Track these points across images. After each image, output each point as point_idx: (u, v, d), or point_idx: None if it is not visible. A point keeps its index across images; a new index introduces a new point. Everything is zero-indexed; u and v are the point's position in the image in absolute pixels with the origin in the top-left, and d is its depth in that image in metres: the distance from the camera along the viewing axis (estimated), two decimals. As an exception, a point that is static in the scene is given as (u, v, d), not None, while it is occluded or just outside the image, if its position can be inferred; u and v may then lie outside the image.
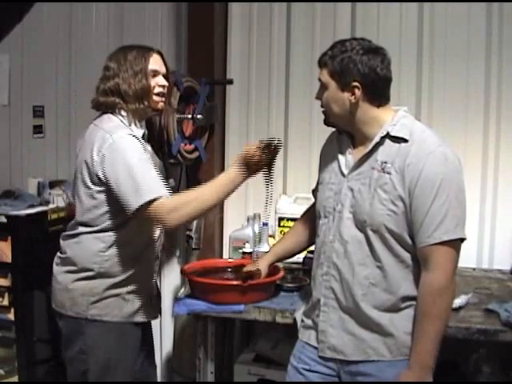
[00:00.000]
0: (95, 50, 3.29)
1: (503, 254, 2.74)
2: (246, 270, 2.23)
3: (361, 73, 1.67)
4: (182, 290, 2.63)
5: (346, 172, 1.77)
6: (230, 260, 2.70)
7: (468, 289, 2.35)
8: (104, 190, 1.93)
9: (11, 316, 2.89)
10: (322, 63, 1.74)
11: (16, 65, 3.47)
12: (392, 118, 1.71)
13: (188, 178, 3.00)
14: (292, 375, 1.87)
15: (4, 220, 2.84)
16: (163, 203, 1.85)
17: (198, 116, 2.71)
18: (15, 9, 3.40)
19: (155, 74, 2.02)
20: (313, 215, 1.93)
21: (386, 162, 1.68)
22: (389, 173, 1.66)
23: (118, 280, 1.98)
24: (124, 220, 1.95)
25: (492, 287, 2.45)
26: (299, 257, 2.58)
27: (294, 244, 2.15)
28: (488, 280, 2.56)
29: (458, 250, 1.64)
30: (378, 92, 1.71)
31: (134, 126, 2.01)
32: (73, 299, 1.97)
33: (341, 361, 1.75)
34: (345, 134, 1.81)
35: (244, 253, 2.72)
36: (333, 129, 1.88)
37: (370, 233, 1.69)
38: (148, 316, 2.10)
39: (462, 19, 2.76)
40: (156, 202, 1.84)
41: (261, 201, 3.06)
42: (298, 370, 1.84)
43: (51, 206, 3.03)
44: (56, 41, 3.39)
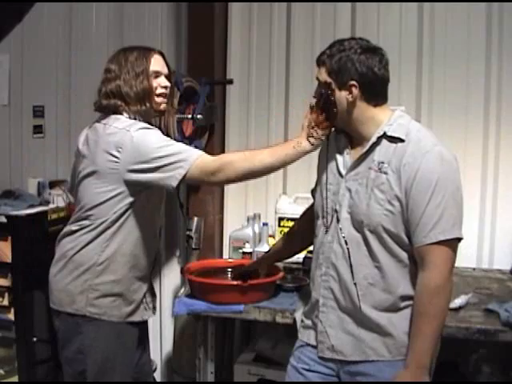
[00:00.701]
0: (95, 50, 3.29)
1: (503, 254, 2.74)
2: (245, 270, 2.24)
3: (358, 72, 1.67)
4: (182, 290, 2.63)
5: (343, 172, 1.77)
6: (230, 260, 2.70)
7: (468, 289, 2.35)
8: (119, 186, 1.91)
9: (11, 316, 2.89)
10: (320, 62, 1.74)
11: (16, 65, 3.47)
12: (389, 117, 1.71)
13: (188, 178, 3.00)
14: (292, 375, 1.87)
15: (4, 220, 2.83)
16: (205, 161, 1.88)
17: (198, 116, 2.71)
18: (15, 9, 3.40)
19: (157, 74, 2.00)
20: (311, 216, 1.92)
21: (382, 162, 1.68)
22: (385, 173, 1.66)
23: (117, 278, 1.97)
24: (125, 218, 1.95)
25: (492, 287, 2.45)
26: (299, 257, 2.58)
27: (293, 244, 2.15)
28: (488, 280, 2.56)
29: (454, 250, 1.64)
30: (376, 92, 1.71)
31: None
32: (71, 296, 1.96)
33: (340, 361, 1.75)
34: (342, 133, 1.81)
35: (244, 253, 2.72)
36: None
37: (368, 233, 1.69)
38: (143, 315, 2.08)
39: (462, 19, 2.76)
40: (197, 162, 1.87)
41: (261, 201, 3.11)
42: (297, 369, 1.84)
43: (51, 206, 3.03)
44: (56, 41, 3.40)
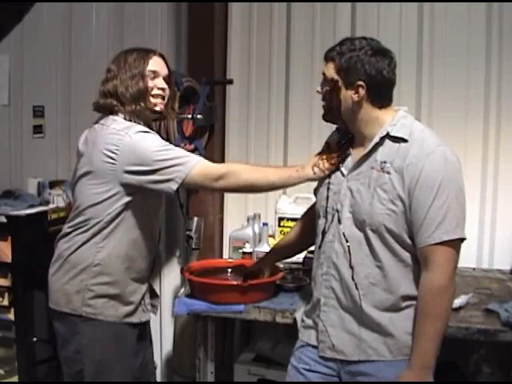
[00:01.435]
0: (95, 50, 3.29)
1: (503, 254, 2.74)
2: (249, 270, 2.25)
3: (367, 73, 1.67)
4: (182, 289, 2.63)
5: (345, 172, 1.77)
6: (229, 260, 2.70)
7: (468, 289, 2.35)
8: (113, 187, 1.92)
9: (11, 316, 2.89)
10: (328, 57, 1.73)
11: (16, 65, 3.47)
12: (392, 118, 1.71)
13: (188, 178, 3.00)
14: (292, 375, 1.87)
15: (4, 220, 2.83)
16: (207, 166, 1.92)
17: (198, 116, 2.71)
18: (15, 9, 3.40)
19: (155, 75, 2.00)
20: (313, 215, 1.93)
21: (385, 162, 1.68)
22: (388, 172, 1.66)
23: (113, 279, 1.97)
24: (120, 219, 1.94)
25: (492, 287, 2.45)
26: (299, 257, 2.58)
27: (295, 244, 2.15)
28: (488, 280, 2.56)
29: (457, 250, 1.64)
30: (382, 94, 1.71)
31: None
32: (68, 296, 1.97)
33: (341, 361, 1.75)
34: (345, 133, 1.81)
35: (244, 253, 2.72)
36: (332, 126, 1.89)
37: (370, 232, 1.69)
38: (141, 317, 2.07)
39: (462, 19, 2.76)
40: (199, 167, 1.89)
41: (261, 201, 3.11)
42: (298, 369, 1.84)
43: (51, 205, 3.03)
44: (56, 41, 3.39)
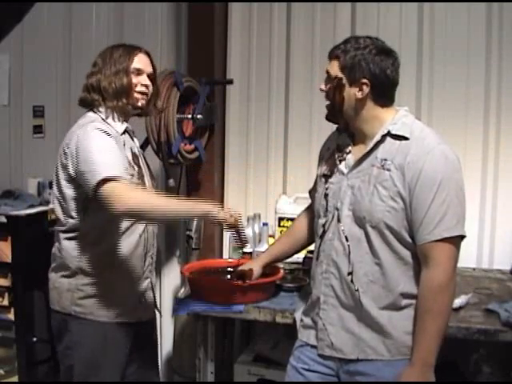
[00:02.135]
0: (95, 50, 3.24)
1: (503, 254, 2.74)
2: (239, 269, 2.23)
3: (371, 72, 1.67)
4: (182, 289, 2.63)
5: (345, 171, 1.77)
6: (229, 260, 2.70)
7: (468, 289, 2.35)
8: (72, 186, 1.92)
9: (11, 316, 2.89)
10: (333, 55, 1.74)
11: (16, 65, 3.47)
12: (393, 117, 1.72)
13: (188, 178, 3.00)
14: (291, 375, 1.87)
15: (4, 220, 2.84)
16: (119, 186, 1.81)
17: (198, 116, 2.71)
18: (15, 9, 3.40)
19: (139, 72, 2.01)
20: (310, 215, 1.92)
21: (385, 159, 1.69)
22: (388, 170, 1.67)
23: (100, 280, 1.95)
24: (91, 219, 1.93)
25: (492, 287, 2.45)
26: (299, 257, 2.58)
27: (290, 245, 2.14)
28: (488, 280, 2.57)
29: (458, 247, 1.65)
30: (385, 93, 1.72)
31: (112, 121, 2.00)
32: (59, 294, 1.99)
33: (340, 359, 1.75)
34: (345, 133, 1.81)
35: (244, 253, 2.72)
36: (332, 126, 1.89)
37: (370, 229, 1.69)
38: (139, 317, 2.05)
39: (462, 19, 2.76)
40: (112, 183, 1.81)
41: (261, 201, 3.11)
42: (297, 369, 1.84)
43: (51, 205, 3.01)
44: (56, 41, 3.39)
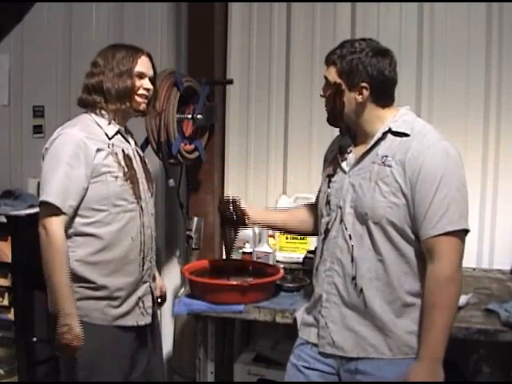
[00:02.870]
0: (95, 50, 3.25)
1: (503, 254, 2.75)
2: (232, 197, 2.13)
3: (369, 74, 1.68)
4: (182, 289, 2.63)
5: (347, 169, 1.78)
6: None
7: (468, 289, 2.35)
8: None
9: (11, 316, 2.89)
10: (329, 61, 1.74)
11: (16, 65, 3.46)
12: (394, 115, 1.74)
13: (188, 178, 3.00)
14: (291, 373, 1.87)
15: (4, 220, 2.83)
16: (52, 220, 1.82)
17: (198, 116, 2.70)
18: (15, 9, 3.40)
19: (141, 76, 2.01)
20: (313, 209, 1.93)
21: (386, 156, 1.70)
22: (389, 166, 1.68)
23: (95, 283, 1.92)
24: (80, 221, 1.91)
25: (492, 287, 2.45)
26: (299, 257, 2.58)
27: (289, 219, 2.11)
28: (488, 280, 2.57)
29: (462, 241, 1.65)
30: (385, 93, 1.73)
31: (106, 123, 1.99)
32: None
33: (340, 358, 1.75)
34: (347, 135, 1.82)
35: (244, 253, 2.72)
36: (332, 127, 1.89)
37: (372, 225, 1.70)
38: (139, 320, 2.03)
39: (462, 19, 2.76)
40: (50, 210, 1.82)
41: (261, 201, 3.11)
42: (297, 367, 1.84)
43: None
44: (56, 41, 3.39)
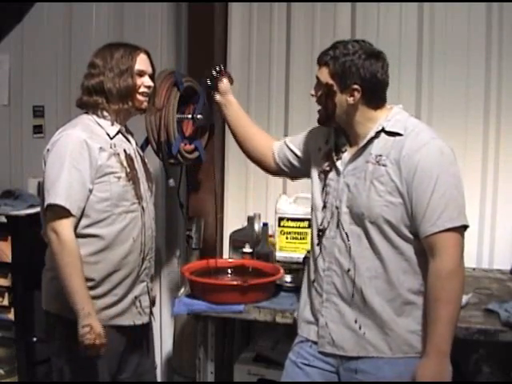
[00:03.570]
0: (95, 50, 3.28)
1: (503, 254, 2.74)
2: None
3: (362, 77, 1.69)
4: (182, 289, 2.62)
5: (341, 168, 1.78)
6: (229, 260, 2.70)
7: (468, 289, 2.34)
8: None
9: (11, 316, 2.89)
10: (322, 62, 1.74)
11: (16, 65, 3.47)
12: (386, 114, 1.74)
13: (188, 178, 3.00)
14: (290, 370, 1.87)
15: (4, 220, 2.84)
16: (62, 223, 1.82)
17: (198, 116, 2.70)
18: (15, 9, 3.40)
19: (141, 74, 2.01)
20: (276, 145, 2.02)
21: (380, 155, 1.70)
22: (384, 165, 1.68)
23: (90, 281, 1.90)
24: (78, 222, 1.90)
25: (492, 287, 2.45)
26: (299, 257, 2.58)
27: (248, 132, 2.08)
28: (488, 280, 2.57)
29: (462, 236, 1.66)
30: (376, 96, 1.74)
31: (108, 124, 1.98)
32: (48, 296, 1.98)
33: (340, 357, 1.76)
34: (341, 133, 1.82)
35: (244, 253, 2.71)
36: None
37: (369, 225, 1.70)
38: (135, 319, 2.02)
39: (462, 19, 2.76)
40: (60, 212, 1.81)
41: (261, 201, 3.11)
42: (296, 364, 1.84)
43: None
44: (56, 41, 3.39)
